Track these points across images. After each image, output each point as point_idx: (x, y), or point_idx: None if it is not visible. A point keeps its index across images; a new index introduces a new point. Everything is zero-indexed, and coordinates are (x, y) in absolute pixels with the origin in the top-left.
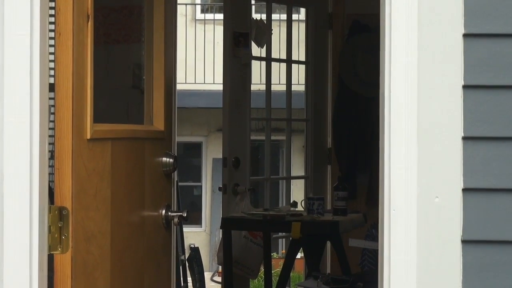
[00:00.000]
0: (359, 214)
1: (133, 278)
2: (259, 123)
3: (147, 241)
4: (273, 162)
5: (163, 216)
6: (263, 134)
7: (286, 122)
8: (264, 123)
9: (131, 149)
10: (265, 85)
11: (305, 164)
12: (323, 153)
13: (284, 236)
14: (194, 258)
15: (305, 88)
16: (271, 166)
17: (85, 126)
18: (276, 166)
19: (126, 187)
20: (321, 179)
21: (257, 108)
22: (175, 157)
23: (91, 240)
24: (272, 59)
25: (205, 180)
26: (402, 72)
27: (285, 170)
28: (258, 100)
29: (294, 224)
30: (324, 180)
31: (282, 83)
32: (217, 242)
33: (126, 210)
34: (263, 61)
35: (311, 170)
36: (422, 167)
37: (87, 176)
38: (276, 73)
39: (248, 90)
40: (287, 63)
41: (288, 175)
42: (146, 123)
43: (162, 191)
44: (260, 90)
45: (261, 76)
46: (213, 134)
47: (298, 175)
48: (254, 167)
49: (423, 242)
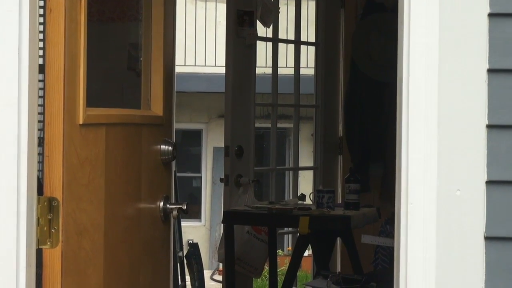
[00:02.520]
0: (372, 209)
1: (128, 275)
2: (264, 109)
3: (144, 236)
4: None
5: (161, 208)
6: (269, 121)
7: (294, 109)
8: (269, 109)
9: (127, 136)
10: (271, 68)
11: (314, 154)
12: (334, 142)
13: (290, 231)
14: (192, 255)
15: (315, 71)
16: (277, 156)
17: (77, 110)
18: (282, 156)
19: (122, 177)
20: (332, 170)
21: (262, 93)
22: (174, 144)
23: (83, 233)
24: (279, 40)
25: (205, 171)
26: (422, 55)
27: (292, 160)
28: (263, 84)
29: (301, 218)
30: (335, 171)
31: (289, 66)
32: (218, 237)
33: (121, 201)
34: (269, 42)
35: (320, 160)
36: (443, 157)
37: (79, 165)
38: (283, 55)
39: (252, 74)
40: (295, 45)
41: (295, 165)
42: (143, 107)
43: (160, 181)
44: (265, 74)
45: (267, 58)
46: (214, 121)
47: (306, 165)
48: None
49: (442, 238)
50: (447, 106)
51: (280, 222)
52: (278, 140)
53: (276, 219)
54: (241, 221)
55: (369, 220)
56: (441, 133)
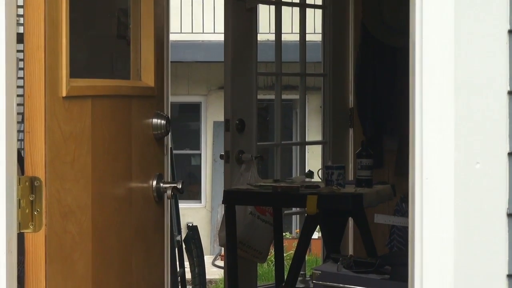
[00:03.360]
0: (386, 186)
1: (118, 261)
2: (268, 80)
3: (136, 218)
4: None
5: (154, 187)
6: (273, 92)
7: (300, 78)
8: (273, 79)
9: (116, 109)
10: (274, 34)
11: (322, 127)
12: (344, 114)
13: (298, 212)
14: (192, 238)
15: (322, 37)
16: (282, 130)
17: (60, 81)
18: (288, 130)
19: (110, 154)
20: (342, 145)
21: (266, 62)
22: (167, 118)
23: (69, 216)
24: (282, 2)
25: (205, 147)
26: (436, 15)
27: (299, 135)
28: (266, 52)
29: (309, 197)
30: (345, 145)
31: (295, 31)
32: (219, 220)
33: (109, 181)
34: (272, 5)
35: (329, 134)
36: (460, 128)
37: (63, 141)
38: (288, 20)
39: (254, 41)
40: (300, 8)
41: (302, 140)
42: (133, 78)
43: (153, 158)
44: (268, 41)
45: (270, 23)
46: (213, 93)
47: (314, 140)
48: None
49: (461, 216)
50: (465, 72)
51: (286, 202)
52: (283, 113)
53: (282, 199)
54: (244, 201)
55: (383, 198)
56: (458, 101)
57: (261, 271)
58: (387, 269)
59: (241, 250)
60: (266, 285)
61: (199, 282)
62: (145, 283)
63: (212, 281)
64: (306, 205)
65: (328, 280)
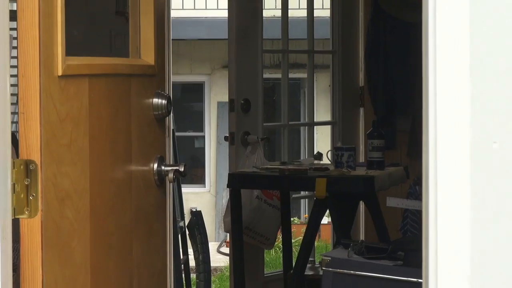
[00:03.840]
0: (399, 168)
1: (118, 248)
2: (275, 57)
3: (136, 202)
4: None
5: (155, 171)
6: (279, 70)
7: (308, 55)
8: (280, 57)
9: (114, 88)
10: (280, 10)
11: (331, 106)
12: (354, 93)
13: (306, 196)
14: (196, 224)
15: (331, 13)
16: (290, 110)
17: (56, 59)
18: (296, 109)
19: (109, 135)
20: (352, 125)
21: (272, 39)
22: (169, 98)
23: (66, 201)
24: None
25: (209, 129)
26: None
27: (307, 115)
28: (272, 28)
29: (318, 180)
30: (356, 126)
31: (302, 7)
32: (224, 204)
33: (108, 163)
34: None
35: (339, 114)
36: (477, 104)
37: (59, 122)
38: None
39: (259, 17)
40: None
41: (310, 120)
42: (132, 56)
43: (153, 140)
44: (275, 17)
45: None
46: (217, 72)
47: (323, 120)
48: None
49: (478, 198)
50: (481, 44)
51: (294, 185)
52: (291, 92)
53: (290, 182)
54: (250, 184)
55: (396, 181)
56: (474, 76)
57: (268, 258)
58: (400, 255)
59: (247, 236)
60: (273, 273)
61: (203, 269)
62: (146, 271)
63: (217, 269)
64: (315, 189)
65: (339, 267)
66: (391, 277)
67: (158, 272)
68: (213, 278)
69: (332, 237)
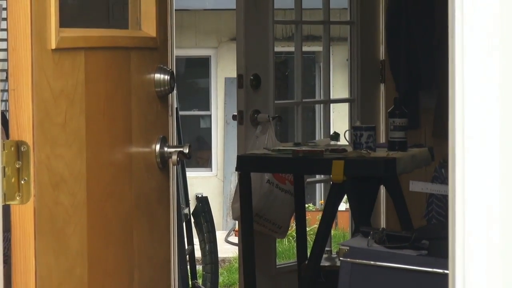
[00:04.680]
0: (423, 149)
1: (117, 237)
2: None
3: (136, 187)
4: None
5: (157, 152)
6: (292, 43)
7: (323, 27)
8: (293, 28)
9: (112, 63)
10: None
11: (349, 82)
12: (374, 68)
13: (322, 180)
14: (202, 212)
15: None
16: (304, 86)
17: (49, 31)
18: (310, 86)
19: (107, 114)
20: (372, 103)
21: (284, 9)
22: (172, 73)
23: (60, 185)
24: None
25: (215, 108)
26: None
27: (322, 92)
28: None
29: (335, 163)
30: (376, 103)
31: None
32: (233, 190)
33: (106, 145)
34: None
35: (357, 90)
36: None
37: (53, 100)
38: None
39: None
40: None
41: (326, 98)
42: (132, 27)
43: (156, 119)
44: None
45: None
46: (225, 45)
47: (340, 97)
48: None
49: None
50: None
51: (309, 168)
52: (305, 67)
53: (304, 165)
54: (260, 168)
55: (420, 163)
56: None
57: (280, 248)
58: (424, 244)
59: (257, 224)
60: (286, 264)
61: (210, 260)
62: (148, 261)
63: (225, 260)
64: (331, 172)
65: (358, 257)
66: (415, 268)
67: (161, 263)
68: (221, 270)
69: (350, 224)
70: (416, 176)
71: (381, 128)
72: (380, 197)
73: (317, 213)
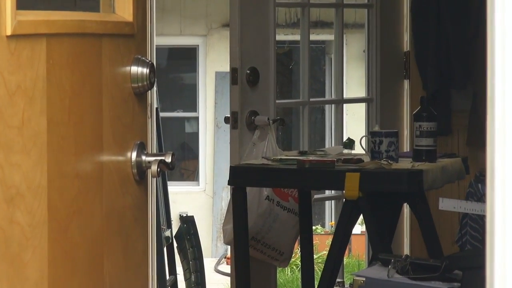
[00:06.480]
0: (455, 159)
1: (85, 263)
2: (291, 13)
3: (108, 204)
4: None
5: (134, 162)
6: (297, 31)
7: (336, 11)
8: (298, 12)
9: (80, 52)
10: None
11: (367, 79)
12: (397, 61)
13: (333, 196)
14: (187, 234)
15: None
16: (311, 83)
17: (3, 14)
18: (320, 82)
19: (72, 114)
20: (394, 103)
21: None
22: (152, 65)
23: (16, 201)
24: None
25: (204, 108)
26: None
27: (333, 89)
28: None
29: (349, 175)
30: (399, 104)
31: None
32: (224, 208)
33: (72, 152)
34: None
35: (376, 88)
36: None
37: (8, 97)
38: None
39: None
40: None
41: (339, 97)
42: (104, 10)
43: (131, 120)
44: None
45: None
46: (215, 33)
47: (355, 97)
48: (284, 84)
49: None
50: None
51: (317, 182)
52: (313, 59)
53: (311, 178)
54: (258, 181)
55: (451, 177)
56: None
57: (282, 278)
58: (456, 275)
59: (254, 249)
60: None
61: None
62: None
63: None
64: (344, 187)
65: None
66: None
67: None
68: None
69: (367, 251)
70: (447, 193)
71: (405, 134)
72: (403, 218)
73: (327, 236)
